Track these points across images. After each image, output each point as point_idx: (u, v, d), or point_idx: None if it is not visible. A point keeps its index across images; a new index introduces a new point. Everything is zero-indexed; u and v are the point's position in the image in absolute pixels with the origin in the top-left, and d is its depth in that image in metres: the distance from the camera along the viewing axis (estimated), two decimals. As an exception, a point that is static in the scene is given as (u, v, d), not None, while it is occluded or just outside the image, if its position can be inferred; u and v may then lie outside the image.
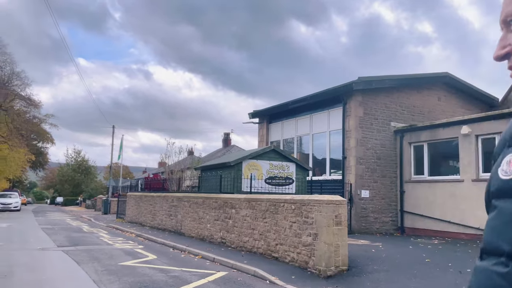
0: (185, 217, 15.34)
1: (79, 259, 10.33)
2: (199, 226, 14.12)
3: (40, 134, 60.00)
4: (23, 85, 43.22)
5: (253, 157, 14.22)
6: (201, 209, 14.05)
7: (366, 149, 15.61)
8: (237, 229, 11.69)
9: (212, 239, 13.11)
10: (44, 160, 67.80)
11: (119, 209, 26.37)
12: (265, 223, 10.35)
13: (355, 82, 15.19)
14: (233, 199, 12.04)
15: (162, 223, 17.77)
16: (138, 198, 21.63)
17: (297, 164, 14.84)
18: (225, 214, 12.42)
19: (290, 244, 9.34)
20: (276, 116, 20.44)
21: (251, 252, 10.88)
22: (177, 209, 16.18)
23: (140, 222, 21.01)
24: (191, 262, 10.36)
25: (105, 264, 9.59)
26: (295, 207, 9.25)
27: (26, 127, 49.83)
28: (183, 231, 15.43)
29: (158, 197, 18.63)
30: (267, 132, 20.92)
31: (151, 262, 10.18)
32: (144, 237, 15.85)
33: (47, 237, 15.44)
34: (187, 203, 15.22)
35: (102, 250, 12.19)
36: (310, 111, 18.07)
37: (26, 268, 8.94)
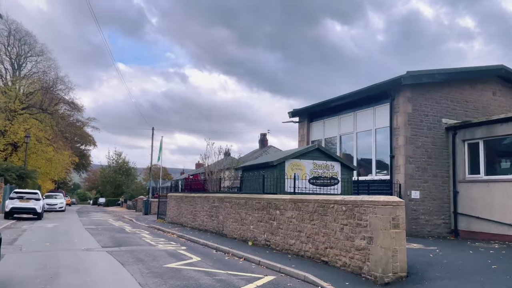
0: (227, 218, 15.04)
1: (124, 260, 10.20)
2: (242, 227, 13.77)
3: (83, 137, 61.94)
4: (66, 89, 44.71)
5: (296, 156, 13.72)
6: (243, 210, 13.70)
7: (416, 147, 14.76)
8: (282, 231, 11.23)
9: (256, 241, 12.71)
10: (87, 162, 69.97)
11: (160, 209, 26.52)
12: (313, 225, 9.83)
13: (404, 76, 14.39)
14: (277, 200, 11.60)
15: (203, 224, 17.57)
16: (179, 198, 21.59)
17: (342, 164, 14.22)
18: (269, 215, 11.99)
19: (341, 248, 8.78)
20: (317, 115, 19.83)
21: (298, 256, 10.40)
22: (218, 210, 15.92)
23: (180, 222, 20.95)
24: (236, 265, 10.00)
25: (149, 266, 9.38)
26: (346, 209, 8.69)
27: (70, 130, 51.51)
28: (225, 232, 15.14)
29: (199, 198, 18.46)
30: (307, 131, 20.35)
31: (196, 264, 9.89)
32: (185, 238, 15.69)
33: (91, 238, 15.55)
34: (229, 204, 14.91)
35: (145, 251, 12.06)
36: (354, 109, 17.36)
37: (72, 269, 8.85)
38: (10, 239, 14.46)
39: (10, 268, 8.83)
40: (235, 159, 23.67)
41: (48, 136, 41.16)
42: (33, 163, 40.79)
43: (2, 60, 41.15)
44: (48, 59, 43.95)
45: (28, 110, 41.07)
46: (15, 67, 42.49)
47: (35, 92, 42.50)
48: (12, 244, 12.95)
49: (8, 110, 39.01)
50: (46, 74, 43.83)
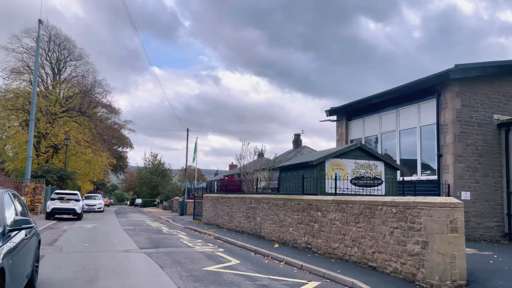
0: (265, 219, 14.63)
1: (162, 262, 9.97)
2: (280, 229, 13.32)
3: (120, 139, 63.30)
4: (104, 92, 45.65)
5: (337, 155, 13.14)
6: (282, 211, 13.24)
7: (466, 145, 13.86)
8: (324, 234, 10.70)
9: (296, 243, 12.23)
10: (124, 164, 71.48)
11: (196, 210, 26.45)
12: (359, 228, 9.26)
13: (452, 70, 13.53)
14: (319, 201, 11.08)
15: (240, 225, 17.24)
16: (215, 199, 21.38)
17: (386, 163, 13.52)
18: (310, 217, 11.48)
19: (391, 253, 8.18)
20: (357, 113, 19.13)
21: (342, 260, 9.84)
22: (256, 211, 15.53)
23: (217, 224, 20.73)
24: (277, 268, 9.56)
25: (188, 269, 9.09)
26: (396, 211, 8.09)
27: (108, 132, 52.70)
28: (263, 234, 14.73)
29: (235, 199, 18.15)
30: (346, 130, 19.67)
31: (235, 267, 9.53)
32: (222, 239, 15.40)
33: (129, 238, 15.53)
34: (267, 205, 14.50)
35: (183, 252, 11.82)
36: (396, 106, 16.58)
37: (111, 272, 8.68)
38: (50, 239, 14.62)
39: (50, 269, 8.76)
40: (270, 160, 23.26)
41: (87, 138, 42.16)
42: (73, 164, 41.87)
43: (43, 65, 42.46)
44: (86, 63, 45.07)
45: (67, 113, 42.22)
46: (55, 72, 43.79)
47: (74, 96, 43.67)
48: (52, 245, 13.05)
49: (49, 114, 40.23)
50: (84, 78, 44.98)
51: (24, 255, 5.82)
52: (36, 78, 31.75)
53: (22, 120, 38.17)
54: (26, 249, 5.94)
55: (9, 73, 40.04)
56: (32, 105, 30.50)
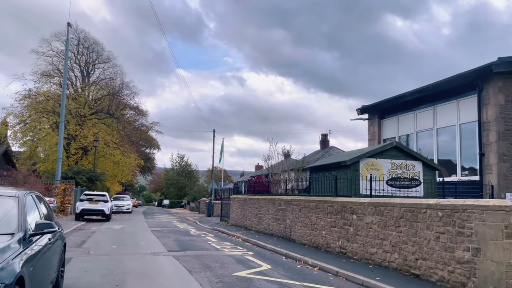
0: (295, 222, 14.11)
1: (190, 266, 9.60)
2: (312, 232, 12.77)
3: (147, 141, 63.96)
4: (131, 94, 46.12)
5: (372, 155, 12.50)
6: (314, 214, 12.69)
7: (510, 143, 12.95)
8: (360, 238, 10.10)
9: (329, 248, 11.66)
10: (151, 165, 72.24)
11: (223, 212, 26.15)
12: (399, 233, 8.63)
13: (495, 63, 12.67)
14: (354, 203, 10.48)
15: (269, 228, 16.76)
16: (242, 201, 20.99)
17: (424, 163, 12.77)
18: (344, 220, 10.90)
19: (437, 260, 7.53)
20: (390, 111, 18.36)
21: (380, 266, 9.23)
22: (285, 213, 15.03)
23: (245, 225, 20.32)
24: (311, 275, 9.04)
25: (218, 274, 8.68)
26: (443, 214, 7.44)
27: (136, 134, 53.28)
28: (293, 237, 14.21)
29: (263, 200, 17.69)
30: (379, 129, 18.92)
31: (267, 273, 9.06)
32: (251, 242, 14.97)
33: (157, 240, 15.29)
34: (297, 207, 13.97)
35: (211, 256, 11.44)
36: (433, 103, 15.76)
37: (138, 276, 8.36)
38: (79, 241, 14.53)
39: (76, 273, 8.52)
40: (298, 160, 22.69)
41: (115, 140, 42.61)
42: (102, 166, 42.39)
43: (72, 68, 43.21)
44: (114, 66, 45.63)
45: (96, 115, 42.81)
46: (84, 74, 44.50)
47: (103, 98, 44.25)
48: (80, 247, 12.92)
49: (78, 116, 40.86)
50: (112, 80, 45.55)
51: (48, 260, 5.53)
52: (66, 81, 32.25)
53: (52, 122, 38.89)
54: (50, 253, 5.65)
55: (40, 76, 40.90)
56: (62, 107, 30.98)
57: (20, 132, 39.47)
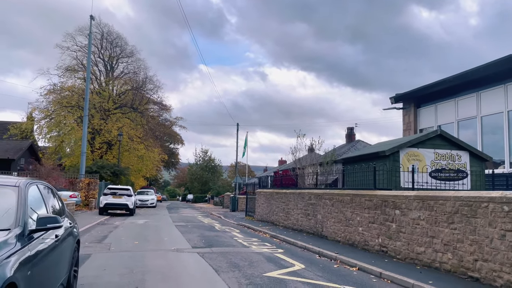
0: (327, 217, 13.15)
1: (217, 265, 8.80)
2: (347, 229, 11.78)
3: (171, 136, 63.84)
4: (155, 88, 45.75)
5: (413, 144, 11.41)
6: (349, 208, 11.69)
7: None
8: (404, 235, 9.07)
9: (367, 245, 10.66)
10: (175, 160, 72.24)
11: (248, 206, 25.36)
12: (453, 230, 7.58)
13: (553, 41, 11.33)
14: (397, 197, 9.44)
15: (298, 223, 15.85)
16: (269, 195, 20.12)
17: (471, 153, 11.60)
18: (385, 215, 9.88)
19: (502, 262, 6.47)
20: (427, 99, 17.10)
21: (430, 268, 8.20)
22: (316, 208, 14.08)
23: (271, 221, 19.47)
24: (350, 276, 8.10)
25: (247, 275, 7.84)
26: (510, 209, 6.36)
27: (159, 129, 53.08)
28: (325, 234, 13.26)
29: (292, 194, 16.77)
30: (415, 118, 17.69)
31: (301, 274, 8.16)
32: (280, 238, 14.10)
33: (181, 236, 14.60)
34: (329, 201, 13.00)
35: (239, 253, 10.62)
36: (477, 88, 14.47)
37: (160, 276, 7.60)
38: (100, 236, 13.97)
39: (94, 271, 7.83)
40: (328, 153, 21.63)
41: (139, 134, 42.39)
42: (126, 160, 42.28)
43: (96, 62, 43.17)
44: (137, 60, 45.38)
45: (120, 109, 42.67)
46: (108, 69, 44.41)
47: (126, 92, 44.08)
48: (101, 242, 12.32)
49: (102, 110, 40.78)
50: (136, 74, 45.30)
51: (55, 261, 4.78)
52: (89, 74, 32.00)
53: (77, 116, 38.87)
54: (58, 253, 4.90)
55: (64, 71, 40.98)
56: (85, 101, 30.76)
57: (45, 127, 39.68)
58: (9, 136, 37.31)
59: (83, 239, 13.08)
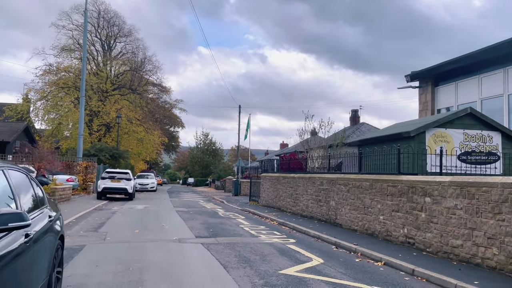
0: (342, 204, 12.12)
1: (225, 259, 7.78)
2: (365, 217, 10.75)
3: (171, 119, 62.63)
4: (154, 69, 44.30)
5: (441, 124, 10.31)
6: (368, 195, 10.64)
7: None
8: (437, 226, 8.03)
9: (389, 236, 9.64)
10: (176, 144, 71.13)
11: (252, 191, 24.38)
12: (500, 222, 6.53)
13: None
14: (428, 182, 8.37)
15: (308, 210, 14.85)
16: (275, 179, 19.09)
17: (504, 134, 10.52)
18: (412, 203, 8.82)
19: None
20: (446, 76, 15.90)
21: (469, 263, 7.18)
22: (329, 194, 13.05)
23: (278, 206, 18.49)
24: (377, 273, 7.09)
25: (261, 272, 6.83)
26: None
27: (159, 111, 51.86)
28: (339, 222, 12.25)
29: (301, 179, 15.73)
30: (432, 97, 16.52)
31: (321, 270, 7.15)
32: (289, 226, 13.11)
33: (183, 223, 13.61)
34: (344, 187, 11.95)
35: (247, 244, 9.62)
36: (504, 64, 13.25)
37: (160, 274, 6.58)
38: (97, 223, 12.98)
39: (86, 268, 6.81)
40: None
41: (138, 116, 41.22)
42: (125, 143, 41.21)
43: (93, 41, 41.73)
44: (136, 40, 43.90)
45: (118, 90, 41.42)
46: (105, 49, 42.96)
47: (125, 73, 42.75)
48: (97, 231, 11.32)
49: (100, 91, 39.54)
50: (135, 54, 43.86)
51: (26, 267, 3.71)
52: (85, 52, 30.66)
53: (74, 98, 37.65)
54: (30, 256, 3.83)
55: (60, 51, 39.57)
56: (82, 81, 29.52)
57: (42, 109, 38.50)
58: (4, 118, 36.18)
59: (78, 227, 12.10)
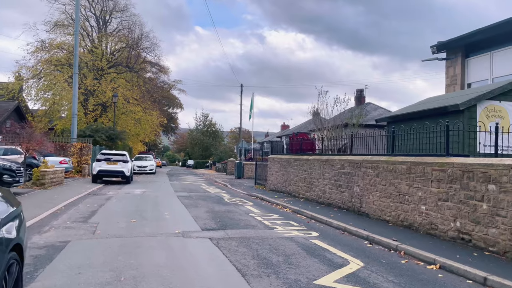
0: (369, 190, 10.54)
1: (241, 263, 6.22)
2: (401, 206, 9.18)
3: (170, 100, 60.81)
4: (152, 46, 42.20)
5: (494, 96, 8.63)
6: (405, 180, 9.04)
7: None
8: (505, 220, 6.44)
9: (434, 230, 8.08)
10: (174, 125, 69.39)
11: (258, 174, 22.82)
12: None
13: None
14: (492, 166, 6.74)
15: (324, 196, 13.30)
16: (285, 162, 17.49)
17: None
18: (468, 191, 7.22)
19: None
20: (479, 46, 14.13)
21: (557, 270, 5.62)
22: (352, 178, 11.46)
23: (287, 191, 16.95)
24: (438, 282, 5.55)
25: (291, 283, 5.26)
26: None
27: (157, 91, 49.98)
28: (365, 210, 10.70)
29: (316, 161, 14.13)
30: (462, 70, 14.77)
31: (367, 279, 5.59)
32: (306, 215, 11.58)
33: (185, 212, 12.06)
34: (372, 171, 10.35)
35: (264, 240, 8.07)
36: (555, 29, 11.53)
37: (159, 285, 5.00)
38: (88, 211, 11.43)
39: (63, 277, 5.24)
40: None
41: (136, 95, 39.37)
42: (122, 124, 39.49)
43: (87, 17, 39.55)
44: (132, 15, 41.71)
45: (115, 68, 39.49)
46: (100, 24, 40.78)
47: (121, 50, 40.74)
48: (87, 221, 9.75)
49: (95, 69, 37.62)
50: (131, 31, 41.68)
51: None
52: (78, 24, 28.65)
53: (68, 76, 35.69)
54: None
55: (53, 26, 37.44)
56: (75, 56, 27.64)
57: (35, 88, 36.63)
58: (-5, 97, 34.35)
59: (66, 216, 10.56)
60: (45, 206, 11.81)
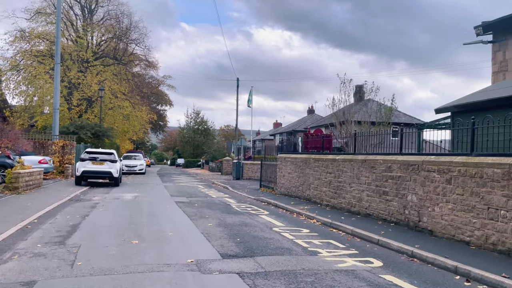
0: (434, 200, 8.19)
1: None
2: (491, 224, 6.84)
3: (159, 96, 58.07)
4: (141, 37, 39.34)
5: None
6: (498, 189, 6.70)
7: None
8: None
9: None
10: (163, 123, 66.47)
11: (264, 175, 20.38)
12: None
13: None
14: None
15: (360, 205, 10.93)
16: (301, 162, 15.09)
17: None
18: None
19: None
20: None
21: None
22: (405, 184, 9.11)
23: (305, 196, 14.58)
24: None
25: None
26: None
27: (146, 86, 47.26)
28: (427, 226, 8.35)
29: (348, 162, 11.76)
30: (516, 54, 12.56)
31: None
32: (344, 230, 9.22)
33: (191, 225, 9.57)
34: (440, 175, 7.99)
35: (318, 277, 5.65)
36: None
37: None
38: (68, 226, 8.93)
39: None
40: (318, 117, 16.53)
41: (124, 90, 36.62)
42: (110, 120, 36.70)
43: (71, 4, 36.64)
44: (120, 4, 38.89)
45: (101, 60, 36.65)
46: (85, 12, 37.89)
47: (108, 41, 37.90)
48: (64, 244, 7.24)
49: (80, 61, 34.76)
50: (119, 22, 38.80)
51: None
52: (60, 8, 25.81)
53: (50, 68, 32.80)
54: None
55: (34, 14, 34.47)
56: (56, 44, 24.87)
57: (13, 81, 33.64)
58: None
59: (39, 233, 8.06)
60: (12, 219, 9.26)
